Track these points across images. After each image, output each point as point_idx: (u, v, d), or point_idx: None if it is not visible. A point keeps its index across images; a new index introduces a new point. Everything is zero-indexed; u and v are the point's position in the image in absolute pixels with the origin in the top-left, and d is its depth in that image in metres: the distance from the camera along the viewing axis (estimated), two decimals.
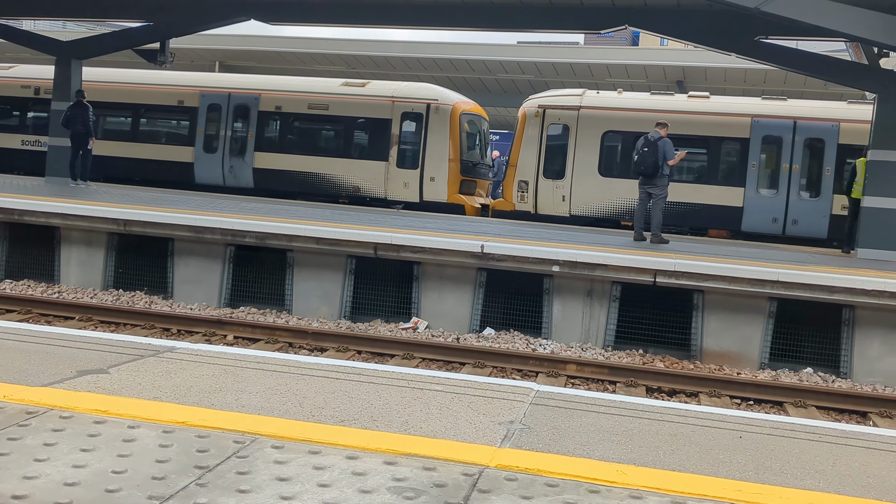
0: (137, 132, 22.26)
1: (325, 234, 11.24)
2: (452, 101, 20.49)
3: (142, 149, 21.99)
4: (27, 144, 22.81)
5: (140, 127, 22.31)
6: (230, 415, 3.48)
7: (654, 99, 19.25)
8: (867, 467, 3.44)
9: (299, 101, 21.07)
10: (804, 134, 17.76)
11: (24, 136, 22.91)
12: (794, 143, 17.82)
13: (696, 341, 10.56)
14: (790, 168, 17.76)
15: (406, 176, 20.24)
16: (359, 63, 29.47)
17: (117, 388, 3.75)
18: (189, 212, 12.43)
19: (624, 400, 4.35)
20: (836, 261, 13.00)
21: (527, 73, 28.42)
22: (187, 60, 29.82)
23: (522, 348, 10.40)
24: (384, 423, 3.54)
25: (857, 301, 9.97)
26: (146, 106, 22.21)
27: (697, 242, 15.53)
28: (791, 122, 17.89)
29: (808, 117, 17.91)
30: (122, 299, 11.76)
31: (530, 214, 19.29)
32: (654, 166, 13.43)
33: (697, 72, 26.08)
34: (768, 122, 17.99)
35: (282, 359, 4.57)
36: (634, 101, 19.19)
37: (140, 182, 21.93)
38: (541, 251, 10.68)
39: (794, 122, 17.87)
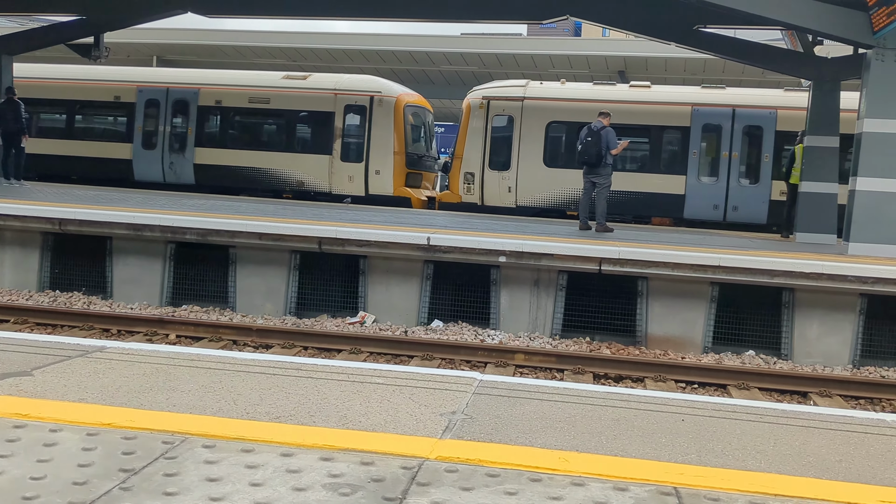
0: (73, 129, 21.69)
1: (268, 230, 11.06)
2: (396, 94, 20.34)
3: (78, 146, 21.43)
4: None
5: (76, 124, 21.74)
6: (160, 415, 3.35)
7: (597, 89, 19.37)
8: (806, 446, 3.46)
9: (240, 95, 20.73)
10: (743, 121, 18.04)
11: None
12: (733, 131, 18.09)
13: (641, 327, 10.64)
14: (730, 155, 18.03)
15: (351, 169, 20.06)
16: (301, 56, 29.13)
17: (40, 391, 3.59)
18: (127, 209, 12.12)
19: (567, 387, 4.32)
20: (776, 245, 13.22)
21: (471, 64, 28.39)
22: (123, 55, 29.17)
23: (471, 339, 10.36)
24: (321, 419, 3.44)
25: (797, 284, 10.14)
26: (82, 102, 21.63)
27: (641, 230, 15.67)
28: (730, 110, 18.15)
29: (746, 105, 18.20)
30: (60, 300, 11.42)
31: (477, 206, 19.28)
32: (598, 156, 13.50)
33: (639, 62, 26.34)
34: (708, 110, 18.23)
35: (217, 356, 4.43)
36: (577, 92, 19.28)
37: (77, 180, 21.38)
38: (487, 242, 10.65)
39: (732, 110, 18.13)
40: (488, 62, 28.12)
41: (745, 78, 24.35)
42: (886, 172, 12.01)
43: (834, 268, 9.97)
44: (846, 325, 10.21)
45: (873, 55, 12.08)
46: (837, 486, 2.98)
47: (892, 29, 11.36)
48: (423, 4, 16.55)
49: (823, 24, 12.52)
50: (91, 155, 21.36)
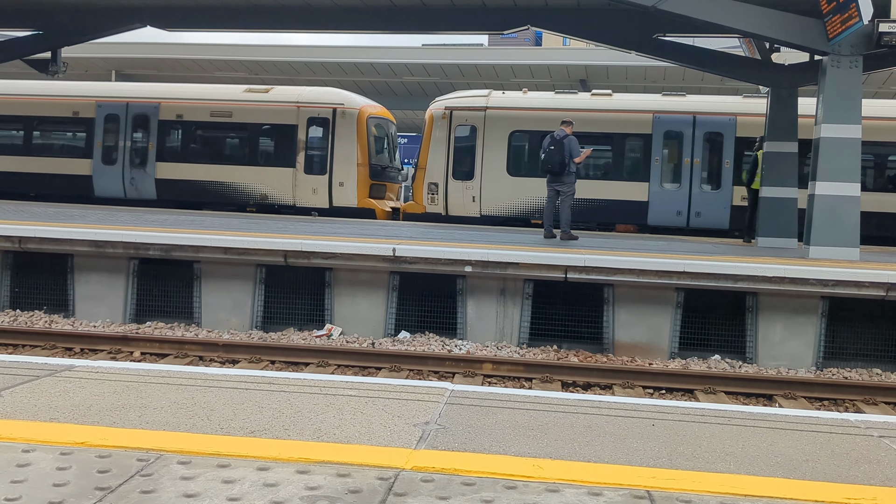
0: (31, 145, 21.36)
1: (233, 244, 10.99)
2: (359, 105, 20.36)
3: (36, 163, 21.12)
4: None
5: (34, 140, 21.42)
6: (133, 432, 3.33)
7: (559, 98, 19.53)
8: (774, 447, 3.53)
9: (201, 109, 20.59)
10: (703, 128, 18.31)
11: None
12: (694, 138, 18.36)
13: (608, 334, 10.73)
14: (692, 162, 18.29)
15: (314, 182, 20.01)
16: (262, 69, 29.02)
17: (10, 412, 3.54)
18: (89, 226, 11.97)
19: (538, 395, 4.36)
20: (739, 250, 13.43)
21: (432, 75, 28.50)
22: (81, 70, 28.83)
23: (438, 350, 10.38)
24: (296, 432, 3.44)
25: (760, 288, 10.31)
26: (39, 118, 21.34)
27: (607, 238, 15.82)
28: (691, 117, 18.42)
29: (706, 112, 18.47)
30: (20, 320, 11.24)
31: (441, 216, 19.32)
32: (561, 164, 13.61)
33: (600, 70, 26.63)
34: (669, 117, 18.48)
35: (188, 372, 4.41)
36: (540, 101, 19.42)
37: (36, 197, 21.06)
38: (453, 252, 10.69)
39: (693, 117, 18.40)
40: (450, 72, 28.26)
41: (704, 85, 24.73)
42: (844, 176, 12.26)
43: (795, 271, 10.16)
44: (809, 328, 10.40)
45: (829, 61, 12.35)
46: (805, 486, 3.05)
47: (846, 36, 11.63)
48: (383, 17, 16.59)
49: (780, 31, 12.78)
50: (50, 171, 21.07)
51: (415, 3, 15.96)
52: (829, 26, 11.86)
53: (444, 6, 16.01)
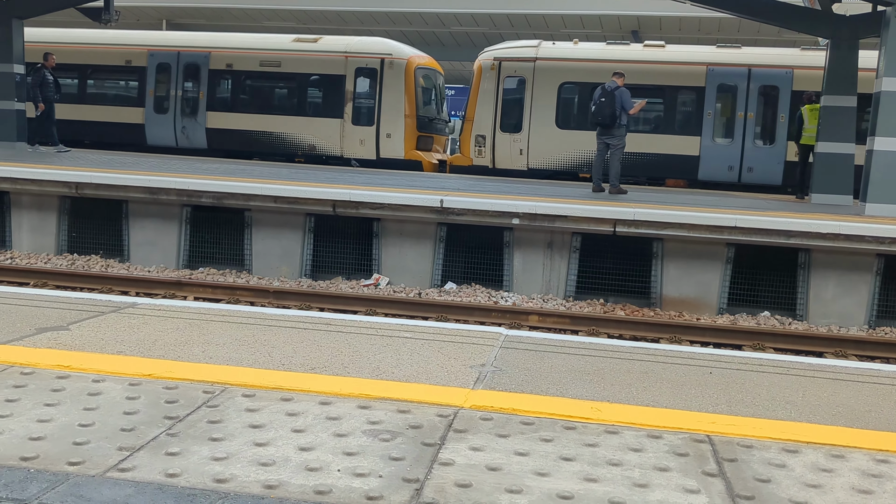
0: (85, 94, 21.63)
1: (282, 193, 11.08)
2: (407, 56, 20.20)
3: (90, 111, 21.40)
4: None
5: (87, 88, 21.67)
6: (198, 366, 3.41)
7: (610, 49, 19.15)
8: (835, 397, 3.50)
9: (251, 59, 20.62)
10: (758, 81, 17.87)
11: None
12: (748, 91, 17.93)
13: (655, 289, 10.66)
14: (745, 116, 17.89)
15: (362, 133, 20.00)
16: (310, 18, 28.91)
17: (79, 344, 3.65)
18: (142, 173, 12.15)
19: (593, 341, 4.36)
20: (792, 206, 13.18)
21: (481, 25, 28.14)
22: (133, 18, 29.01)
23: (484, 301, 10.42)
24: (356, 369, 3.49)
25: (813, 244, 10.13)
26: (93, 66, 21.54)
27: (656, 192, 15.63)
28: (745, 69, 17.97)
29: (762, 64, 18.00)
30: (78, 263, 11.51)
31: (488, 169, 19.20)
32: (612, 116, 13.40)
33: (652, 21, 26.05)
34: (723, 70, 18.06)
35: (247, 311, 4.49)
36: (590, 52, 19.07)
37: (89, 145, 21.39)
38: (500, 204, 10.66)
39: (748, 70, 17.96)
40: (499, 22, 27.86)
41: (760, 37, 24.08)
42: None
43: (851, 228, 9.95)
44: (862, 286, 10.21)
45: (893, 12, 11.93)
46: (868, 435, 3.02)
47: None
48: None
49: None
50: (103, 119, 21.34)
51: None
52: None
53: None
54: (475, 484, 2.40)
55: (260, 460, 2.49)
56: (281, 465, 2.46)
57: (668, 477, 2.53)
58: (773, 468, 2.64)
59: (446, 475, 2.46)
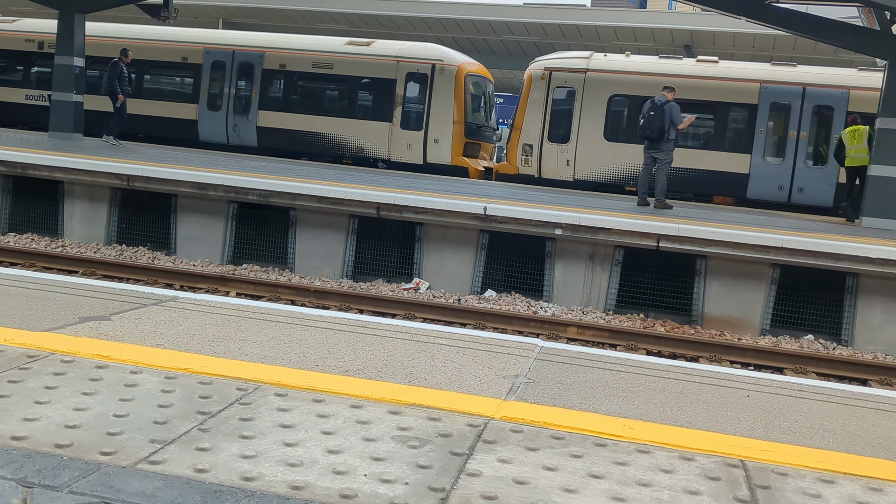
0: (141, 88, 22.05)
1: (327, 193, 11.17)
2: (458, 62, 20.25)
3: (146, 105, 21.81)
4: (31, 99, 22.64)
5: (144, 83, 22.10)
6: (233, 363, 3.45)
7: (663, 63, 19.00)
8: (877, 427, 3.41)
9: (304, 60, 20.85)
10: (813, 101, 17.57)
11: (28, 90, 22.73)
12: (802, 110, 17.64)
13: (697, 306, 10.53)
14: (797, 135, 17.60)
15: (410, 137, 20.09)
16: (363, 22, 29.14)
17: (119, 335, 3.71)
18: (192, 168, 12.34)
19: (629, 357, 4.32)
20: (841, 229, 12.93)
21: (533, 35, 28.10)
22: (190, 17, 29.52)
23: (523, 310, 10.38)
24: (388, 374, 3.50)
25: (862, 269, 9.92)
26: (150, 62, 21.97)
27: (701, 208, 15.45)
28: (800, 88, 17.69)
29: (817, 84, 17.70)
30: (126, 254, 11.72)
31: (534, 178, 19.15)
32: (660, 130, 13.29)
33: (706, 36, 25.78)
34: (777, 88, 17.79)
35: (285, 310, 4.53)
36: (642, 65, 18.93)
37: (144, 139, 21.79)
38: (544, 214, 10.61)
39: (803, 89, 17.67)
40: (551, 33, 27.81)
41: (816, 56, 23.69)
42: None
43: None
44: None
45: None
46: None
47: None
48: None
49: None
50: (157, 114, 21.75)
51: None
52: None
53: None
54: (501, 497, 2.39)
55: (288, 460, 2.51)
56: (308, 467, 2.47)
57: (698, 501, 2.49)
58: (807, 498, 2.59)
59: (472, 486, 2.45)
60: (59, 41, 18.49)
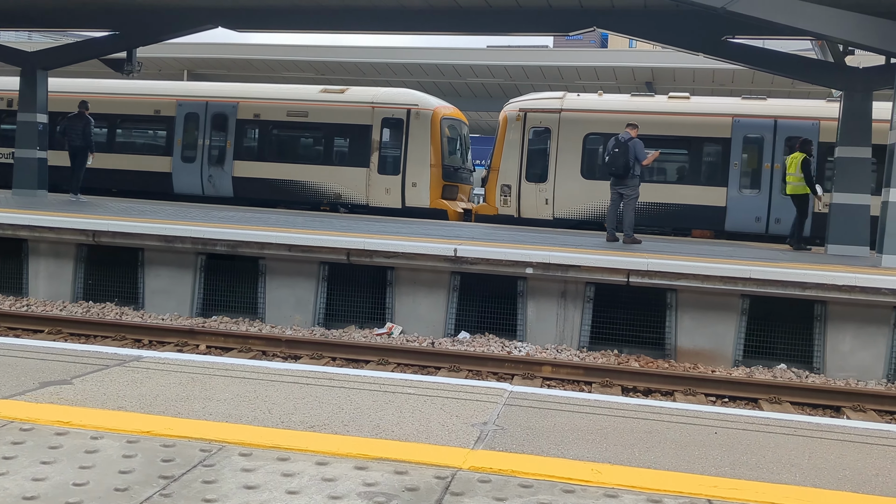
0: (113, 142, 21.92)
1: (297, 241, 11.15)
2: (433, 106, 20.40)
3: (118, 159, 21.67)
4: None
5: (116, 137, 21.98)
6: (197, 423, 3.40)
7: (635, 100, 19.25)
8: (842, 459, 3.43)
9: (278, 109, 20.89)
10: (785, 132, 17.82)
11: None
12: (775, 142, 17.91)
13: (670, 340, 10.58)
14: (772, 167, 17.86)
15: (388, 182, 20.12)
16: (329, 69, 29.36)
17: (81, 399, 3.65)
18: (159, 221, 12.28)
19: (598, 399, 4.32)
20: (807, 257, 13.10)
21: (497, 76, 28.44)
22: (155, 69, 29.56)
23: (498, 351, 10.36)
24: (355, 428, 3.47)
25: (829, 296, 10.04)
26: (121, 116, 21.89)
27: (670, 242, 15.59)
28: (772, 121, 17.98)
29: (788, 116, 17.98)
30: (93, 311, 11.58)
31: (514, 218, 19.19)
32: (626, 167, 13.47)
33: (666, 72, 26.24)
34: (749, 121, 18.07)
35: (251, 366, 4.49)
36: (615, 103, 19.16)
37: (117, 193, 21.64)
38: (514, 253, 10.66)
39: (774, 122, 17.96)
40: (515, 74, 28.17)
41: (774, 88, 24.17)
42: None
43: (867, 280, 9.87)
44: (880, 339, 10.09)
45: None
46: (874, 501, 2.95)
47: None
48: (449, 19, 16.62)
49: (854, 33, 12.42)
50: (131, 168, 21.59)
51: (480, 4, 15.96)
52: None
53: (510, 7, 15.97)
54: None
55: None
56: None
57: None
58: None
59: None
60: (21, 98, 18.43)
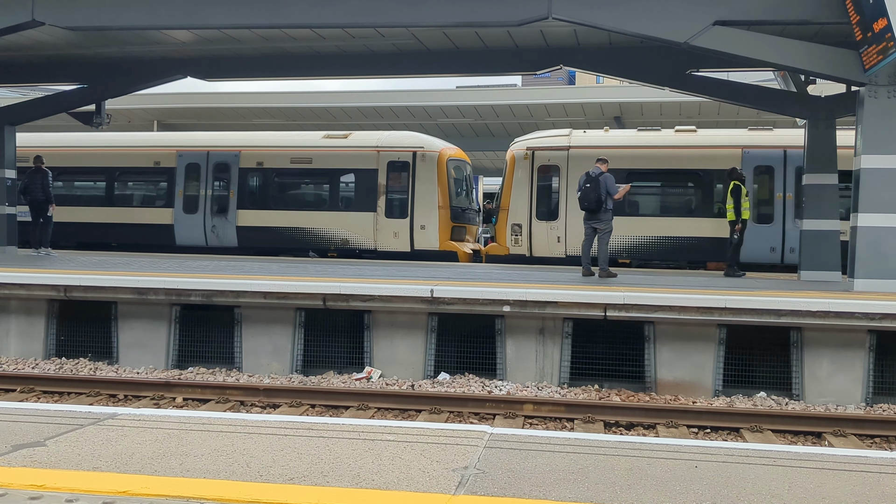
0: (113, 196, 21.56)
1: (272, 289, 11.09)
2: (438, 148, 20.31)
3: (118, 213, 21.32)
4: None
5: (115, 190, 21.63)
6: (174, 480, 3.35)
7: (642, 135, 19.21)
8: (822, 488, 3.44)
9: (281, 156, 20.68)
10: (795, 162, 17.73)
11: None
12: (785, 172, 17.97)
13: (650, 373, 10.59)
14: (784, 197, 17.90)
15: (396, 226, 19.93)
16: (298, 115, 29.49)
17: (55, 461, 3.59)
18: (131, 273, 12.17)
19: (579, 437, 4.31)
20: (782, 284, 13.22)
21: (467, 116, 28.71)
22: (125, 121, 29.54)
23: (478, 391, 10.32)
24: (335, 478, 3.43)
25: (804, 322, 10.12)
26: (120, 169, 21.55)
27: (646, 274, 15.68)
28: (781, 151, 18.05)
29: (797, 146, 18.03)
30: (66, 367, 11.41)
31: (525, 258, 18.93)
32: (598, 202, 13.58)
33: (634, 107, 26.62)
34: (759, 152, 18.10)
35: (228, 419, 4.44)
36: (622, 139, 19.10)
37: (117, 248, 21.28)
38: (491, 292, 10.67)
39: (784, 152, 18.04)
40: (484, 113, 28.45)
41: (741, 119, 24.58)
42: (887, 207, 12.05)
43: (840, 305, 9.97)
44: (856, 363, 10.16)
45: (866, 92, 12.23)
46: None
47: (883, 66, 11.52)
48: (417, 61, 16.82)
49: (815, 63, 12.70)
50: (131, 221, 21.22)
51: (448, 46, 16.16)
52: (865, 57, 11.75)
53: (477, 48, 16.19)
54: None
55: None
56: None
57: None
58: None
59: None
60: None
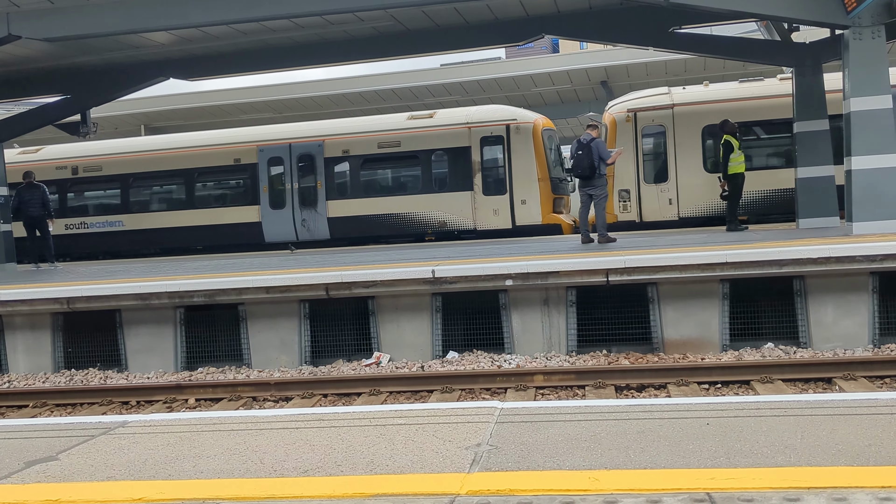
0: (194, 197, 21.07)
1: (274, 283, 11.09)
2: (532, 119, 19.72)
3: (199, 215, 20.87)
4: None
5: (195, 192, 21.12)
6: (189, 483, 3.36)
7: (745, 87, 18.46)
8: (834, 434, 3.45)
9: (368, 142, 20.15)
10: None
11: None
12: None
13: (656, 334, 10.60)
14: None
15: (494, 203, 19.39)
16: (285, 107, 29.36)
17: (68, 474, 3.60)
18: (132, 280, 12.17)
19: (589, 404, 4.31)
20: (781, 234, 13.21)
21: (453, 93, 28.58)
22: (111, 128, 29.43)
23: (488, 367, 10.34)
24: (349, 467, 3.44)
25: (806, 270, 10.11)
26: (200, 169, 21.03)
27: (645, 236, 15.67)
28: None
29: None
30: (76, 379, 11.43)
31: (636, 223, 18.43)
32: (591, 168, 13.54)
33: (619, 69, 26.48)
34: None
35: (239, 416, 4.44)
36: (725, 92, 18.34)
37: (202, 250, 20.83)
38: (492, 267, 10.66)
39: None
40: (470, 89, 28.31)
41: (727, 73, 24.47)
42: (879, 148, 12.01)
43: (841, 250, 9.96)
44: (861, 306, 10.17)
45: (850, 35, 12.15)
46: (870, 472, 2.97)
47: (864, 7, 11.44)
48: (399, 43, 16.71)
49: (798, 10, 12.59)
50: (216, 222, 20.77)
51: (428, 25, 16.06)
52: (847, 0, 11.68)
53: (458, 24, 16.08)
54: None
55: None
56: None
57: None
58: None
59: None
60: None
